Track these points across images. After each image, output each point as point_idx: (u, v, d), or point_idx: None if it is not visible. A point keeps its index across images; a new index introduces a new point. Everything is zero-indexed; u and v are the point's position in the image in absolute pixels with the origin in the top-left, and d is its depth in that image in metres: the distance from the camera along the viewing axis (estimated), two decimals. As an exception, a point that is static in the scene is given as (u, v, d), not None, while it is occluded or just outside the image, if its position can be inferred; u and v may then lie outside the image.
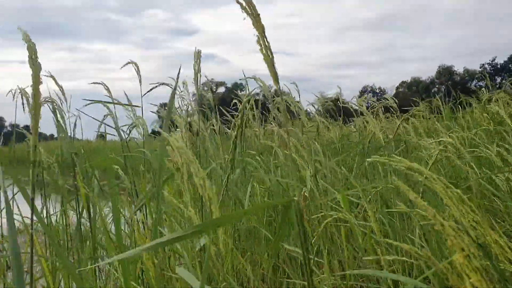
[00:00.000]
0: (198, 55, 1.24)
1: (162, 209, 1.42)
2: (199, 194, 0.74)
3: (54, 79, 1.46)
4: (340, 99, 3.15)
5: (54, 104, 1.36)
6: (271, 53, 0.57)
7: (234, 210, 1.46)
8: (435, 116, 3.41)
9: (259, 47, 0.57)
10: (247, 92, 2.24)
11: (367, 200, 1.24)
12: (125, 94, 1.86)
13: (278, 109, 2.31)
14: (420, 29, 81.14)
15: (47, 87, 1.62)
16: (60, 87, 1.48)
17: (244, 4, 0.56)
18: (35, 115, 0.58)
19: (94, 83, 1.67)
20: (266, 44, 0.57)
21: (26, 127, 1.89)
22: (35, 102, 0.58)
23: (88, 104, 1.43)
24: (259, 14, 0.57)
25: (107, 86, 1.65)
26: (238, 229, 1.56)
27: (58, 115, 1.42)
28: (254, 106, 2.35)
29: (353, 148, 2.19)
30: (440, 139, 1.42)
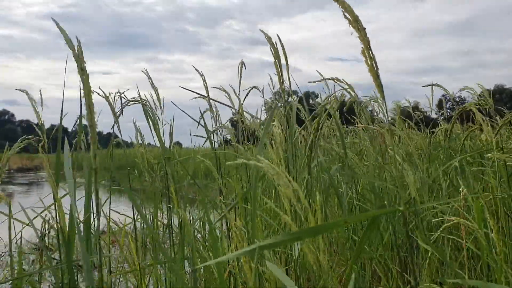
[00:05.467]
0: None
1: (257, 211, 1.43)
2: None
3: (156, 91, 1.51)
4: (418, 107, 3.04)
5: (147, 107, 1.41)
6: (376, 65, 0.62)
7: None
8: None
9: (364, 59, 0.62)
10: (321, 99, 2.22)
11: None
12: (209, 100, 1.90)
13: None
14: (505, 32, 76.85)
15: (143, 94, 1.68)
16: (156, 92, 1.54)
17: (351, 19, 0.63)
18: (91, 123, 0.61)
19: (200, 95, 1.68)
20: (371, 56, 0.62)
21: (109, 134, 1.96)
22: (90, 114, 0.59)
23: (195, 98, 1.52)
24: (364, 29, 0.62)
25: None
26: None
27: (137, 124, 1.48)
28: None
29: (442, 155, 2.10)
30: None
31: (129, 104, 1.46)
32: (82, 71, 0.57)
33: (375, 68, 0.63)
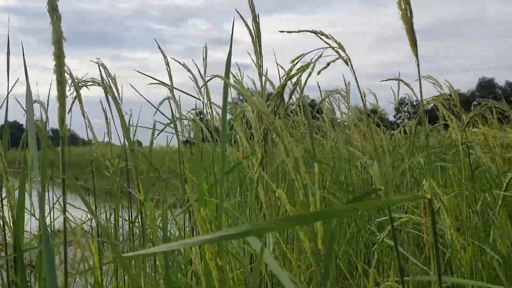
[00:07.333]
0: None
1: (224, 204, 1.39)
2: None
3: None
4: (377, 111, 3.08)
5: (107, 89, 1.31)
6: (411, 11, 0.45)
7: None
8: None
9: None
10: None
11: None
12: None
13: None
14: (463, 40, 79.95)
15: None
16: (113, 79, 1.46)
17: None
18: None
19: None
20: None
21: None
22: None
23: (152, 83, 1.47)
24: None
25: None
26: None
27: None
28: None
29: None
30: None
31: (87, 85, 1.34)
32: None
33: (409, 16, 0.45)
